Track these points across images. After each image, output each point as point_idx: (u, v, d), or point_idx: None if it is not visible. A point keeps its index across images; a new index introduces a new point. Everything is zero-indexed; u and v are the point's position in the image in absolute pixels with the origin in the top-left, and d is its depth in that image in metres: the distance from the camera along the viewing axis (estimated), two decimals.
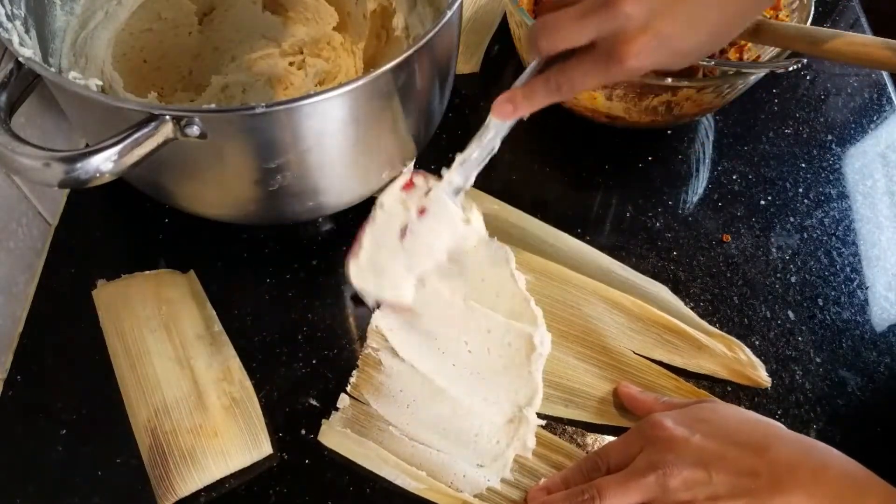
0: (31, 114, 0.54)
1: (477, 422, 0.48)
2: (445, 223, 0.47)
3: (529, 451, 0.46)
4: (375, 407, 0.48)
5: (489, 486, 0.45)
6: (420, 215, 0.47)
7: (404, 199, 0.48)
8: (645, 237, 0.57)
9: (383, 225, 0.48)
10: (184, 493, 0.44)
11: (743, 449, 0.41)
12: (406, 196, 0.48)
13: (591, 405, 0.49)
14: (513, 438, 0.47)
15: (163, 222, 0.57)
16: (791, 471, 0.40)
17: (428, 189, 0.48)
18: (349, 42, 0.62)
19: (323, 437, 0.47)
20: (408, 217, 0.48)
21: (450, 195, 0.47)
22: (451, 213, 0.47)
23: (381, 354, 0.50)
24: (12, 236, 0.52)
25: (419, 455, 0.46)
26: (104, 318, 0.51)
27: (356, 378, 0.49)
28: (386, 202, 0.48)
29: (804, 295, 0.54)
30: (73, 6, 0.54)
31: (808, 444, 0.41)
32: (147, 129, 0.37)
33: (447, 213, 0.47)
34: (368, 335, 0.51)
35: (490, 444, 0.47)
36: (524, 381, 0.49)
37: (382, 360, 0.50)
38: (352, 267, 0.48)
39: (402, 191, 0.48)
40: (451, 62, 0.52)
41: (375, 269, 0.48)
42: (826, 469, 0.40)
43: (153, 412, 0.46)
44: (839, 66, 0.69)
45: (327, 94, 0.40)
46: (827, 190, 0.60)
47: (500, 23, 0.71)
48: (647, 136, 0.63)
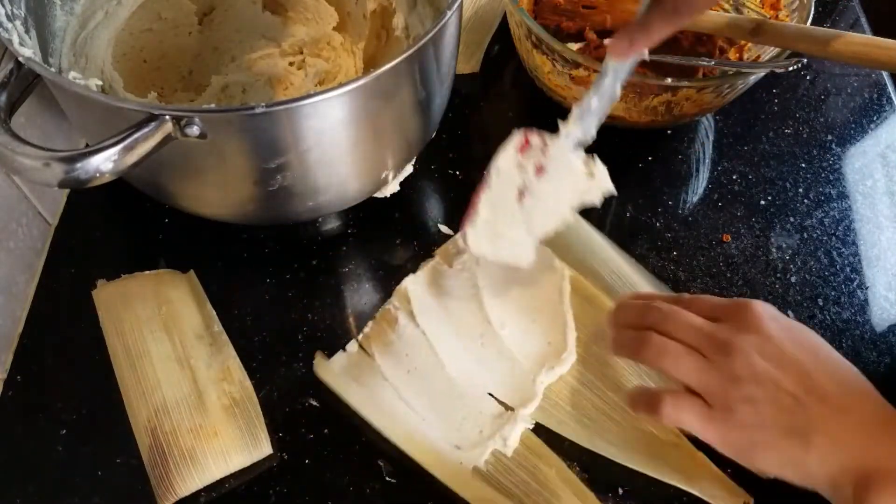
0: (31, 114, 0.54)
1: (467, 407, 0.47)
2: (567, 179, 0.45)
3: (510, 449, 0.46)
4: (379, 362, 0.49)
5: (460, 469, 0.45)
6: (538, 174, 0.45)
7: (520, 162, 0.46)
8: (645, 237, 0.57)
9: (499, 189, 0.46)
10: (184, 493, 0.44)
11: (827, 373, 0.39)
12: (522, 157, 0.45)
13: (584, 427, 0.47)
14: (496, 432, 0.46)
15: (163, 222, 0.57)
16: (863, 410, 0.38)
17: (545, 146, 0.45)
18: (349, 42, 0.62)
19: (318, 369, 0.48)
20: (525, 178, 0.45)
21: (570, 149, 0.44)
22: (572, 167, 0.44)
23: (399, 314, 0.50)
24: (12, 236, 0.52)
25: (403, 417, 0.47)
26: (104, 318, 0.51)
27: (370, 328, 0.50)
28: (502, 166, 0.46)
29: (804, 295, 0.54)
30: (73, 6, 0.54)
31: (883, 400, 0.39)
32: (147, 129, 0.37)
33: (568, 168, 0.44)
34: (395, 294, 0.52)
35: (474, 431, 0.47)
36: (525, 388, 0.48)
37: (399, 319, 0.50)
38: (469, 234, 0.47)
39: (518, 152, 0.45)
40: (451, 62, 0.52)
41: (493, 234, 0.47)
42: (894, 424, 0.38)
43: (153, 412, 0.46)
44: (839, 66, 0.69)
45: (327, 94, 0.40)
46: (827, 190, 0.60)
47: (500, 23, 0.71)
48: (647, 136, 0.63)
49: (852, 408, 0.38)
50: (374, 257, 0.56)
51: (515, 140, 0.46)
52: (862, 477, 0.37)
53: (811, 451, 0.38)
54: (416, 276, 0.53)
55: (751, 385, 0.39)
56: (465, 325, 0.51)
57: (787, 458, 0.39)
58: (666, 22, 0.41)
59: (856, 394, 0.39)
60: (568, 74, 0.56)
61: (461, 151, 0.62)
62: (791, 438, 0.38)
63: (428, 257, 0.54)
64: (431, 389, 0.48)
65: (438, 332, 0.50)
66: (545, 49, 0.56)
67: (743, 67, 0.57)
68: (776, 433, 0.39)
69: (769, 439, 0.39)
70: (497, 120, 0.65)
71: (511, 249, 0.48)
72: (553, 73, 0.58)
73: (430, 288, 0.52)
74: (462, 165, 0.60)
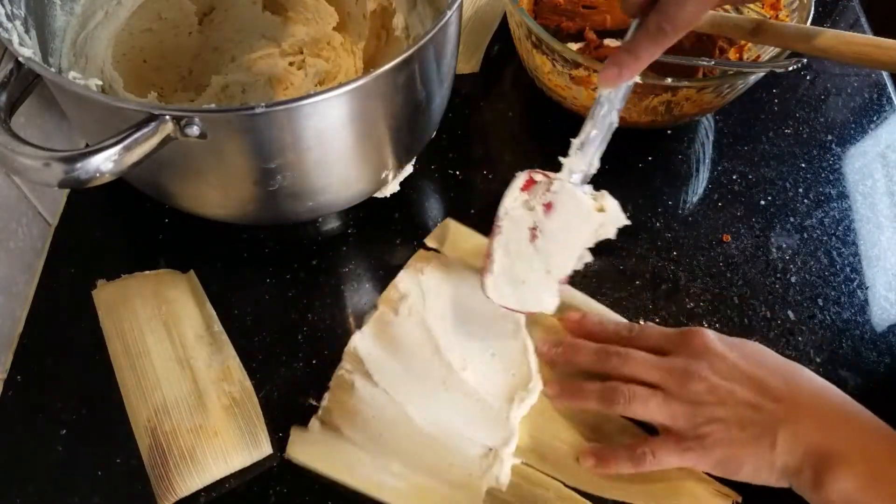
0: (31, 114, 0.54)
1: (451, 455, 0.46)
2: (576, 214, 0.44)
3: (503, 485, 0.45)
4: (348, 434, 0.46)
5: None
6: (548, 212, 0.44)
7: (527, 200, 0.45)
8: (645, 237, 0.57)
9: (511, 233, 0.46)
10: (184, 493, 0.44)
11: (776, 376, 0.43)
12: (529, 196, 0.45)
13: (567, 465, 0.46)
14: (486, 472, 0.45)
15: (163, 222, 0.57)
16: (814, 402, 0.42)
17: (550, 182, 0.44)
18: (349, 42, 0.62)
19: (291, 452, 0.46)
20: (535, 218, 0.44)
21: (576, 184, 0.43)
22: (579, 201, 0.43)
23: (354, 377, 0.48)
24: (12, 236, 0.52)
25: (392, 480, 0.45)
26: (104, 317, 0.51)
27: (327, 401, 0.48)
28: (509, 207, 0.45)
29: (804, 295, 0.54)
30: (73, 6, 0.54)
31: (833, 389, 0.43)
32: (147, 129, 0.37)
33: (576, 202, 0.43)
34: (344, 356, 0.49)
35: (463, 475, 0.45)
36: (500, 426, 0.46)
37: (355, 382, 0.48)
38: (488, 284, 0.46)
39: (523, 192, 0.45)
40: (451, 62, 0.52)
41: (513, 280, 0.46)
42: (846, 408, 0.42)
43: (153, 412, 0.46)
44: (839, 66, 0.69)
45: (327, 94, 0.40)
46: (827, 190, 0.60)
47: (500, 23, 0.71)
48: (647, 136, 0.63)
49: (804, 401, 0.42)
50: (374, 257, 0.56)
51: (519, 180, 0.46)
52: (818, 461, 0.40)
53: (776, 449, 0.41)
54: (363, 333, 0.50)
55: (713, 406, 0.43)
56: (424, 374, 0.48)
57: (760, 462, 0.41)
58: (652, 43, 0.41)
59: (805, 388, 0.43)
60: (568, 74, 0.56)
61: (461, 151, 0.62)
62: (758, 443, 0.41)
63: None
64: (409, 446, 0.46)
65: (399, 387, 0.48)
66: (545, 49, 0.56)
67: (743, 67, 0.57)
68: (744, 442, 0.42)
69: (740, 451, 0.42)
70: (497, 120, 0.65)
71: (534, 295, 0.47)
72: (553, 73, 0.58)
73: (380, 341, 0.50)
74: (462, 165, 0.60)
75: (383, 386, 0.48)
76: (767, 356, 0.45)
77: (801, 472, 0.41)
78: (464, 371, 0.49)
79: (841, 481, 0.39)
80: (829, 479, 0.39)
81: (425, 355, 0.49)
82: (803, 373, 0.44)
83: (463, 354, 0.49)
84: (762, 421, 0.42)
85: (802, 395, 0.42)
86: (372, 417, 0.47)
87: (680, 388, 0.43)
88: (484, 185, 0.59)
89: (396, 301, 0.52)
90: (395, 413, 0.47)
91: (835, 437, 0.41)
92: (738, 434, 0.42)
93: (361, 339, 0.50)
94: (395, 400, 0.47)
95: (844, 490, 0.39)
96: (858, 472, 0.39)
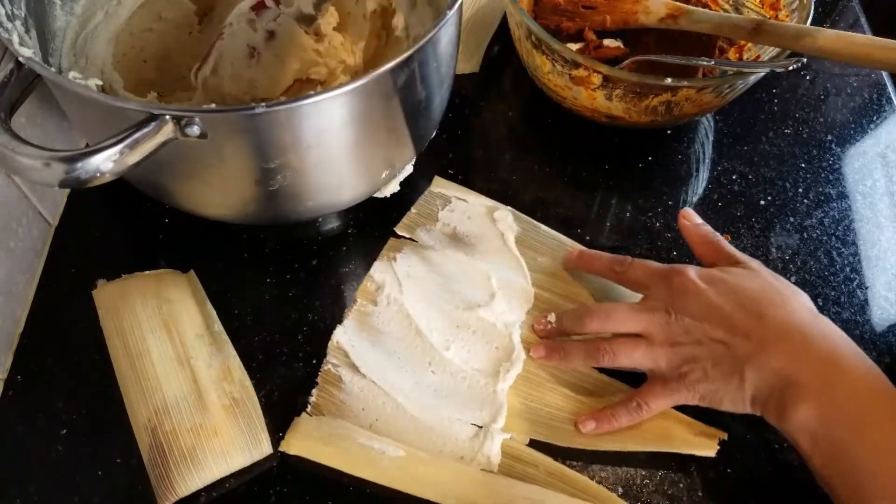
0: (31, 114, 0.54)
1: (442, 438, 0.46)
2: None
3: (495, 465, 0.45)
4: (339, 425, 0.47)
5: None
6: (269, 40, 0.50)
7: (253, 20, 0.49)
8: (645, 237, 0.57)
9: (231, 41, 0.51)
10: (184, 493, 0.44)
11: (746, 312, 0.44)
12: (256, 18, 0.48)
13: (557, 427, 0.47)
14: (477, 453, 0.46)
15: (163, 222, 0.57)
16: (780, 336, 0.43)
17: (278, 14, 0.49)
18: (349, 42, 0.62)
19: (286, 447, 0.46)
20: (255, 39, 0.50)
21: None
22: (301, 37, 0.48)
23: (340, 370, 0.49)
24: (12, 236, 0.52)
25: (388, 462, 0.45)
26: (104, 318, 0.51)
27: (316, 398, 0.48)
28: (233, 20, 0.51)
29: None
30: (74, 6, 0.54)
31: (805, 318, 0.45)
32: (147, 129, 0.37)
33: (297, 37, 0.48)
34: (329, 351, 0.50)
35: (454, 459, 0.46)
36: (488, 401, 0.48)
37: (342, 375, 0.49)
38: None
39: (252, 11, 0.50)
40: (451, 62, 0.52)
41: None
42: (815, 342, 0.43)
43: (153, 412, 0.46)
44: (839, 66, 0.69)
45: (327, 94, 0.40)
46: (827, 190, 0.60)
47: (500, 23, 0.71)
48: (647, 136, 0.63)
49: (770, 335, 0.44)
50: (374, 257, 0.56)
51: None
52: (781, 392, 0.42)
53: (745, 383, 0.43)
54: (344, 327, 0.51)
55: (690, 346, 0.45)
56: (409, 359, 0.49)
57: (735, 396, 0.44)
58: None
59: (773, 322, 0.44)
60: (568, 74, 0.56)
61: (461, 151, 0.62)
62: (729, 379, 0.44)
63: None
64: (401, 433, 0.46)
65: (386, 376, 0.48)
66: (545, 49, 0.56)
67: (743, 67, 0.57)
68: (718, 379, 0.44)
69: (717, 386, 0.44)
70: (497, 120, 0.65)
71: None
72: (553, 73, 0.58)
73: (363, 333, 0.51)
74: (462, 165, 0.61)
75: (370, 376, 0.49)
76: (739, 290, 0.46)
77: (767, 403, 0.43)
78: (447, 351, 0.50)
79: (802, 412, 0.41)
80: (792, 410, 0.41)
81: (408, 340, 0.50)
82: (771, 305, 0.45)
83: (445, 334, 0.51)
84: (731, 357, 0.44)
85: (769, 330, 0.44)
86: (362, 409, 0.48)
87: (659, 332, 0.46)
88: (484, 185, 0.59)
89: (373, 293, 0.53)
90: (385, 403, 0.48)
91: (797, 369, 0.42)
92: (713, 371, 0.44)
93: (344, 333, 0.51)
94: (383, 389, 0.48)
95: (805, 420, 0.41)
96: (818, 403, 0.41)
